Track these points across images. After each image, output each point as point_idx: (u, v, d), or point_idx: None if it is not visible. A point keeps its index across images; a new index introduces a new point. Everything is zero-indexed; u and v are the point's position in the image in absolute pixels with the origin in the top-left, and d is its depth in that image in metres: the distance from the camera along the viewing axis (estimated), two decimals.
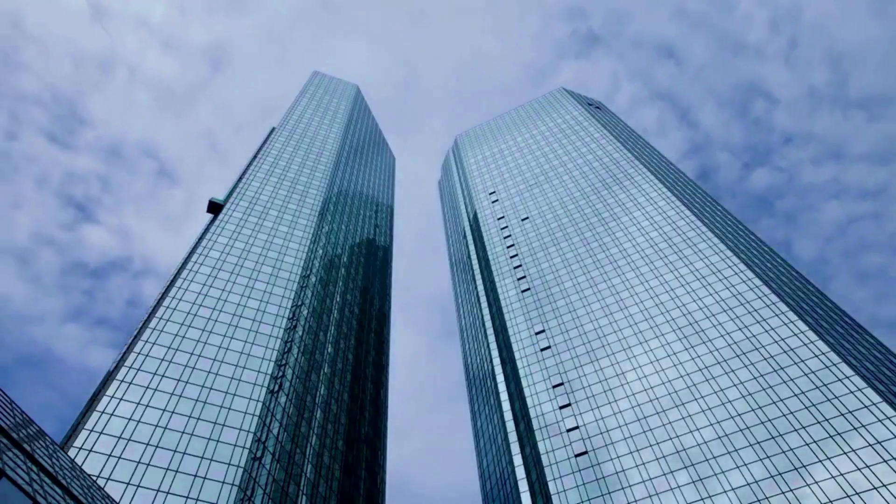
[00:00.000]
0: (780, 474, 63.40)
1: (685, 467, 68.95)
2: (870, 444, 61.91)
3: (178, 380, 70.28)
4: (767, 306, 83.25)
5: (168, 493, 57.49)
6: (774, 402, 70.74)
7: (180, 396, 68.28)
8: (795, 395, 70.39)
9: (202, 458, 62.18)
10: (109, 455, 58.48)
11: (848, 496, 58.53)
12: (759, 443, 67.46)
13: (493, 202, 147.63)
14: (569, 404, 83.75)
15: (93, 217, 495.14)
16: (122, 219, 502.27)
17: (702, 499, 64.98)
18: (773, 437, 67.25)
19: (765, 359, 76.48)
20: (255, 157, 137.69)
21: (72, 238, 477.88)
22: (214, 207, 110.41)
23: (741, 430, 69.68)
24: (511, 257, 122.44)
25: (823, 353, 73.31)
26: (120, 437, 60.64)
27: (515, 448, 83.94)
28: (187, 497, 57.84)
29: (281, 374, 78.58)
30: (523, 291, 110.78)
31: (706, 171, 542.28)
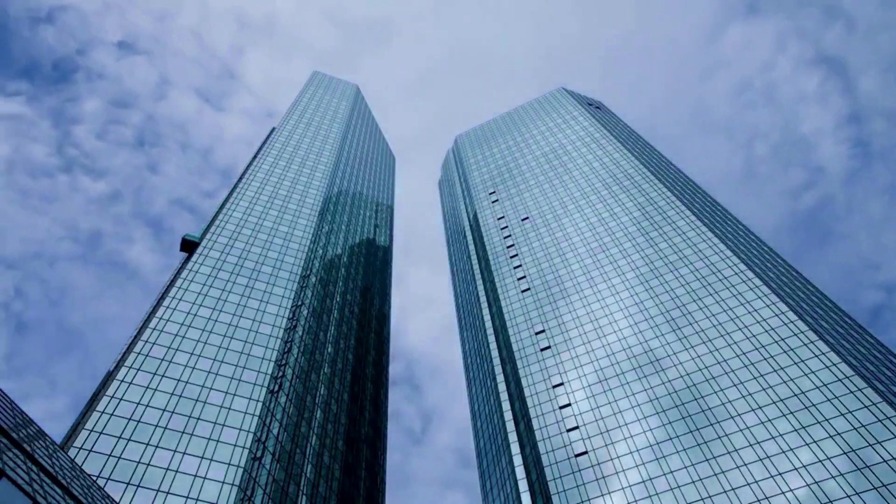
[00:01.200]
0: (780, 474, 63.40)
1: (685, 467, 68.95)
2: (869, 445, 61.90)
3: (178, 380, 70.27)
4: (768, 306, 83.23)
5: (168, 493, 57.49)
6: (774, 403, 70.74)
7: (180, 396, 68.28)
8: (796, 395, 70.40)
9: (202, 458, 62.19)
10: (109, 455, 58.48)
11: (848, 496, 58.52)
12: (758, 442, 67.45)
13: (493, 202, 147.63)
14: (569, 404, 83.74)
15: None
16: None
17: (702, 499, 64.98)
18: (773, 438, 67.25)
19: (765, 359, 76.47)
20: (255, 157, 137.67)
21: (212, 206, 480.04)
22: (187, 246, 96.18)
23: (740, 431, 69.68)
24: (511, 257, 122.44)
25: (823, 354, 73.31)
26: (120, 437, 60.65)
27: (515, 448, 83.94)
28: (187, 497, 57.84)
29: (281, 374, 78.58)
30: (523, 291, 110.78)
31: (864, 140, 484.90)
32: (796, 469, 63.13)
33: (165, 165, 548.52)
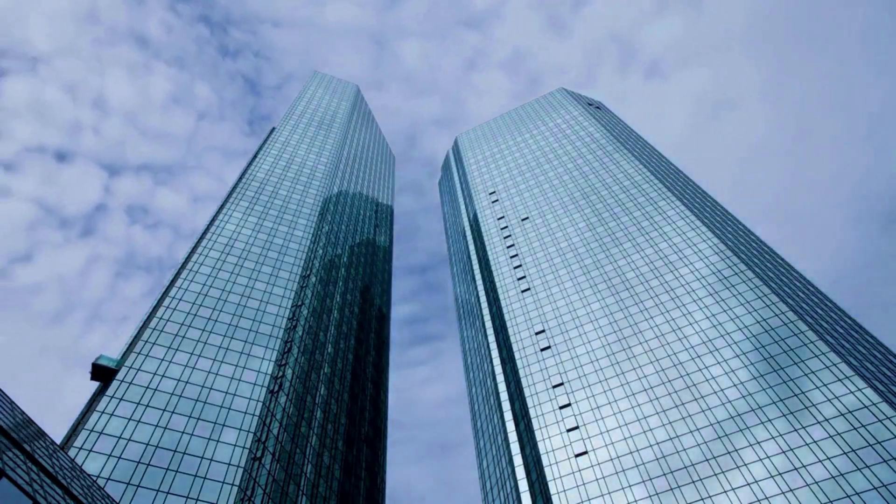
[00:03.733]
0: (780, 474, 63.41)
1: (685, 467, 68.95)
2: (869, 445, 61.90)
3: (178, 380, 70.27)
4: (768, 306, 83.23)
5: (168, 493, 57.50)
6: (774, 403, 70.72)
7: (180, 396, 68.27)
8: (795, 395, 70.39)
9: (202, 458, 62.20)
10: (109, 455, 58.49)
11: (848, 496, 58.52)
12: (758, 443, 67.47)
13: (493, 202, 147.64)
14: (569, 404, 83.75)
15: None
16: None
17: (702, 499, 64.98)
18: (772, 438, 67.24)
19: (764, 359, 76.47)
20: (255, 157, 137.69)
21: None
22: (100, 373, 68.52)
23: (741, 431, 69.69)
24: (511, 257, 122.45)
25: (823, 354, 73.31)
26: (120, 437, 60.66)
27: (515, 448, 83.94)
28: (187, 497, 57.85)
29: (281, 374, 78.59)
30: (523, 291, 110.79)
31: None
32: (796, 469, 63.14)
33: None
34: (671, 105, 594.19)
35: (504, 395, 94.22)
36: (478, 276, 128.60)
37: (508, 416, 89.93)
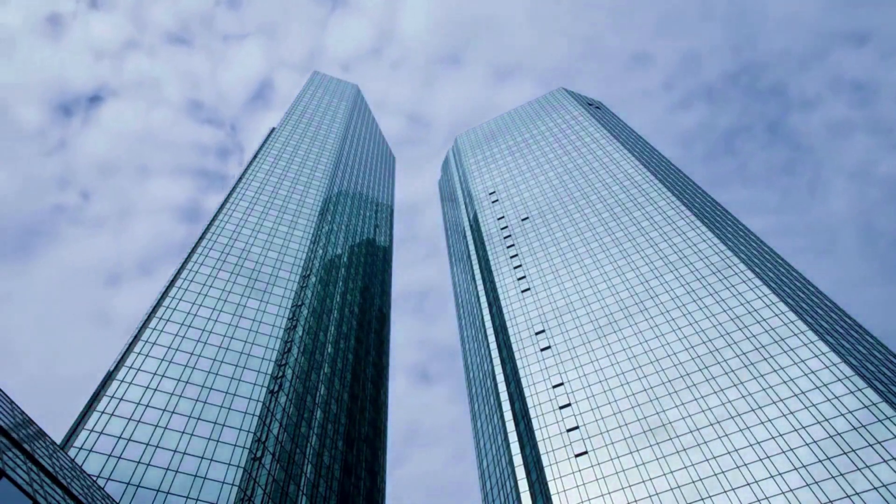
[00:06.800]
0: (780, 474, 63.40)
1: (685, 467, 68.94)
2: (869, 445, 61.89)
3: (178, 380, 70.29)
4: (768, 306, 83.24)
5: (168, 493, 57.50)
6: (774, 403, 70.73)
7: (180, 396, 68.29)
8: (796, 395, 70.39)
9: (202, 458, 62.20)
10: (109, 455, 58.48)
11: (848, 496, 58.53)
12: (758, 442, 67.47)
13: (493, 202, 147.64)
14: (569, 404, 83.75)
15: None
16: None
17: (702, 499, 64.97)
18: (773, 438, 67.24)
19: (764, 359, 76.47)
20: (255, 157, 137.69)
21: None
22: None
23: (741, 431, 69.68)
24: (511, 257, 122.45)
25: (823, 353, 73.31)
26: (120, 437, 60.65)
27: (515, 448, 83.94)
28: (187, 497, 57.85)
29: (281, 374, 78.58)
30: (523, 291, 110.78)
31: None
32: (796, 469, 63.13)
33: None
34: None
35: (504, 395, 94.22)
36: (478, 277, 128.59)
37: (508, 416, 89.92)
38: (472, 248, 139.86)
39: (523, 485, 78.08)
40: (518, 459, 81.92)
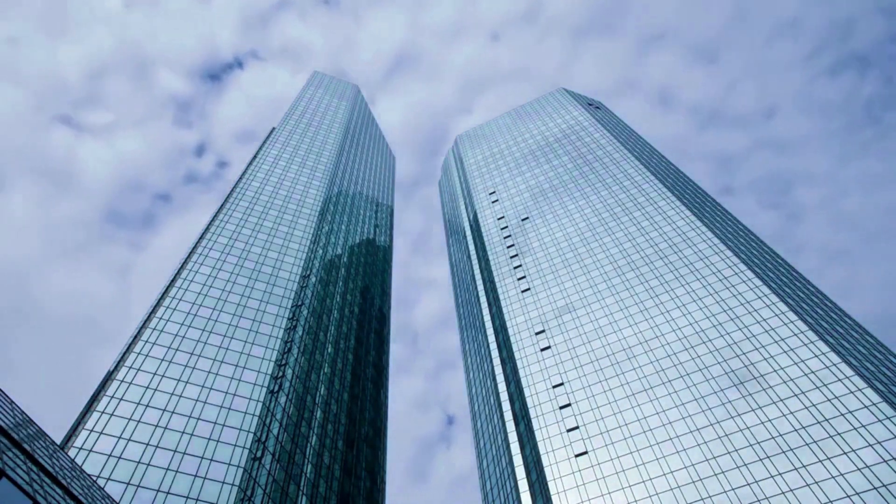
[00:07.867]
0: (780, 474, 63.41)
1: (685, 467, 68.95)
2: (869, 445, 61.91)
3: (178, 380, 70.28)
4: (768, 306, 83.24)
5: (168, 493, 57.49)
6: (774, 403, 70.73)
7: (180, 396, 68.29)
8: (796, 395, 70.41)
9: (202, 458, 62.19)
10: (109, 455, 58.48)
11: (848, 496, 58.53)
12: (758, 442, 67.46)
13: (493, 202, 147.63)
14: (569, 404, 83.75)
15: None
16: None
17: (702, 499, 64.98)
18: (773, 437, 67.24)
19: (764, 359, 76.46)
20: (254, 157, 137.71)
21: None
22: None
23: (741, 431, 69.69)
24: (511, 257, 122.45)
25: (824, 354, 73.32)
26: (120, 437, 60.65)
27: (515, 448, 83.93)
28: (187, 497, 57.84)
29: (281, 374, 78.58)
30: (523, 291, 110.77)
31: None
32: (796, 469, 63.15)
33: None
34: None
35: (504, 395, 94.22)
36: (478, 276, 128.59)
37: (508, 416, 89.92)
38: (471, 247, 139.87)
39: (523, 485, 78.08)
40: (518, 459, 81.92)
